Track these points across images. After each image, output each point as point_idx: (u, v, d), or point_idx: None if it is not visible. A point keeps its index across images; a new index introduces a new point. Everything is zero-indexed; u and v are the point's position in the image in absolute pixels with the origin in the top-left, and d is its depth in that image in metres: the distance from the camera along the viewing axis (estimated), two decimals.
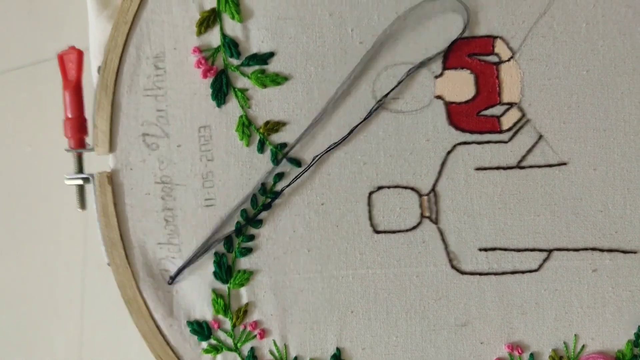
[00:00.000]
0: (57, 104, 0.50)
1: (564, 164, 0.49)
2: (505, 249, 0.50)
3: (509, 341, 0.49)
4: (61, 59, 0.48)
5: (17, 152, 0.74)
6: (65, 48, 0.48)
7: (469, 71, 0.49)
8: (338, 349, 0.50)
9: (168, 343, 0.49)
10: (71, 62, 0.47)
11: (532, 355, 0.49)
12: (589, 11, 0.49)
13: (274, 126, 0.49)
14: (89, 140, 0.50)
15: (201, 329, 0.49)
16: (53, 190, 0.48)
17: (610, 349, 0.49)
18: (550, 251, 0.50)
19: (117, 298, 0.52)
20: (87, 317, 0.52)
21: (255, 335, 0.50)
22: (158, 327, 0.49)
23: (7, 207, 0.53)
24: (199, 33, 0.49)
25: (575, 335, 0.49)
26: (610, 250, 0.49)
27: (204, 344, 0.50)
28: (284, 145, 0.50)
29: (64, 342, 0.53)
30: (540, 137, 0.49)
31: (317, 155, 0.49)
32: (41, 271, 0.54)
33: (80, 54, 0.47)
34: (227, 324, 0.50)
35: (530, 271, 0.50)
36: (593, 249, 0.49)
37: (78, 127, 0.48)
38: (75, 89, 0.48)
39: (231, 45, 0.49)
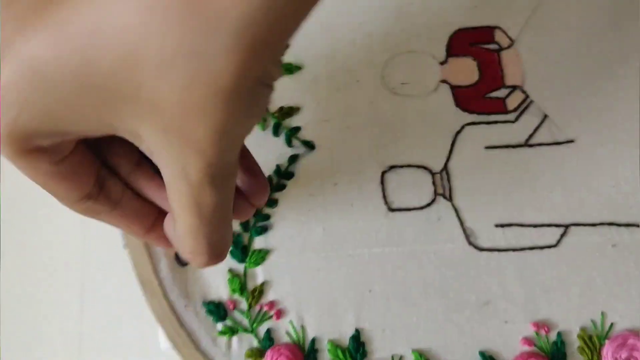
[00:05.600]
0: None
1: (572, 141, 0.51)
2: (521, 225, 0.49)
3: (534, 320, 0.48)
4: None
5: None
6: None
7: (472, 58, 0.52)
8: (357, 330, 0.48)
9: (182, 325, 0.48)
10: None
11: (559, 334, 0.47)
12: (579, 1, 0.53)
13: (288, 111, 0.51)
14: None
15: (217, 310, 0.48)
16: None
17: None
18: (567, 226, 0.49)
19: (116, 298, 0.51)
20: (87, 316, 0.51)
21: (271, 316, 0.48)
22: (172, 308, 0.48)
23: (7, 208, 0.54)
24: None
25: (602, 313, 0.48)
26: (628, 225, 0.49)
27: (219, 326, 0.48)
28: (297, 128, 0.51)
29: (62, 342, 0.51)
30: (545, 116, 0.51)
31: None
32: (40, 270, 0.53)
33: None
34: (243, 304, 0.48)
35: (549, 247, 0.49)
36: (610, 224, 0.49)
37: None
38: None
39: None
